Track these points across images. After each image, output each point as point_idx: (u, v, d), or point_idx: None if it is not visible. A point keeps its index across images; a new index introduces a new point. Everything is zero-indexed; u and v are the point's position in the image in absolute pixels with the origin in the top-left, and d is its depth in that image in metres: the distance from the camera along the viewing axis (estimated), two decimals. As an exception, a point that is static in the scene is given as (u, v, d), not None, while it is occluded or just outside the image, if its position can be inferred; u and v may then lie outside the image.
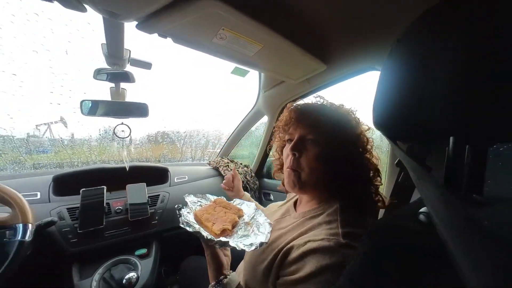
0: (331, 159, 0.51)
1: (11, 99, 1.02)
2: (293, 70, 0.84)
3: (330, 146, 0.51)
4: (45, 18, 0.76)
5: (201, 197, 0.72)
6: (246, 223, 0.61)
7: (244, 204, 0.72)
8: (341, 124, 0.53)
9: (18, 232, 0.65)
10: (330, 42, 0.70)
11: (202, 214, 0.60)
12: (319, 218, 0.50)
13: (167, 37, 0.60)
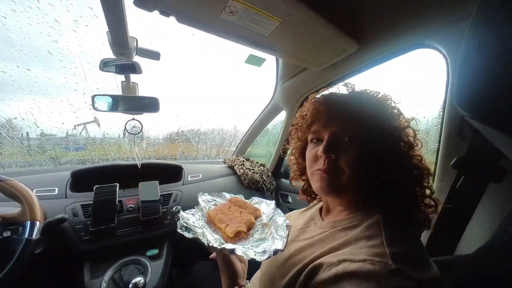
0: (373, 159, 0.42)
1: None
2: (317, 53, 0.71)
3: (371, 144, 0.42)
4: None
5: (217, 195, 0.67)
6: (264, 224, 0.53)
7: (263, 203, 0.64)
8: (381, 116, 0.43)
9: (25, 229, 0.63)
10: (365, 13, 0.56)
11: (215, 214, 0.54)
12: (355, 231, 0.40)
13: (170, 16, 0.52)
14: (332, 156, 0.43)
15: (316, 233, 0.46)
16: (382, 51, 0.69)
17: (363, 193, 0.45)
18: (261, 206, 0.64)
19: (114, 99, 0.87)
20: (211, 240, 0.44)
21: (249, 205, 0.59)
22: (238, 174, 1.44)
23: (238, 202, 0.60)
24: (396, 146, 0.43)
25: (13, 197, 0.67)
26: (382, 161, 0.42)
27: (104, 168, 1.13)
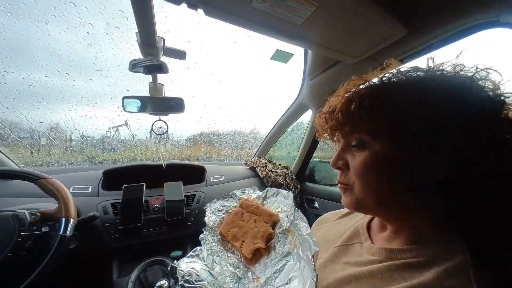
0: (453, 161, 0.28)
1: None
2: (355, 42, 0.63)
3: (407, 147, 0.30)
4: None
5: (228, 197, 0.61)
6: (286, 231, 0.47)
7: (279, 195, 0.57)
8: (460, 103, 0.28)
9: (61, 226, 0.66)
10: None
11: (227, 230, 0.49)
12: (426, 276, 0.27)
13: (198, 8, 0.50)
14: (342, 169, 0.38)
15: (364, 260, 0.36)
16: (436, 35, 0.58)
17: (431, 214, 0.33)
18: (277, 198, 0.57)
19: (142, 100, 0.88)
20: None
21: (263, 210, 0.52)
22: (261, 177, 1.39)
23: (250, 207, 0.54)
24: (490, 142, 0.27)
25: (51, 194, 0.70)
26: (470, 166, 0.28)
27: (132, 168, 1.17)
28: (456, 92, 0.29)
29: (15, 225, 0.60)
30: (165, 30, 0.67)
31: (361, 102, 0.33)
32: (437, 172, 0.29)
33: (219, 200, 0.60)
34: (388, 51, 0.67)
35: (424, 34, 0.59)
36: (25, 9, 0.70)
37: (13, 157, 1.15)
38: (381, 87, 0.34)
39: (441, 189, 0.29)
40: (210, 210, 0.56)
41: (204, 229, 0.52)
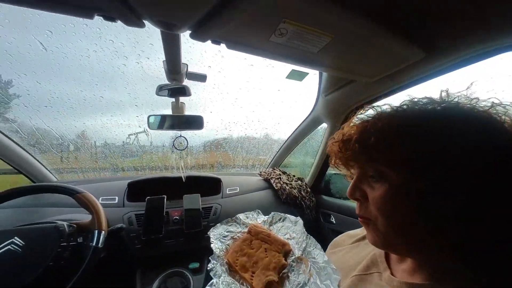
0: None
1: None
2: (371, 64, 0.64)
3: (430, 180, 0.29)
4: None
5: (232, 222, 0.57)
6: (298, 259, 0.45)
7: (286, 221, 0.55)
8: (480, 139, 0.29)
9: (93, 237, 0.72)
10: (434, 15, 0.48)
11: (235, 258, 0.45)
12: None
13: (221, 43, 0.54)
14: (360, 200, 0.37)
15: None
16: (457, 57, 0.58)
17: (455, 249, 0.31)
18: (285, 224, 0.55)
19: (165, 118, 0.95)
20: None
21: (273, 238, 0.49)
22: (275, 189, 1.40)
23: (259, 234, 0.50)
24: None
25: (86, 207, 0.77)
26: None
27: (154, 180, 1.24)
28: (476, 128, 0.29)
29: (56, 236, 0.67)
30: (189, 57, 0.73)
31: (379, 134, 0.33)
32: (458, 206, 0.28)
33: (222, 225, 0.56)
34: (406, 72, 0.67)
35: (444, 56, 0.58)
36: (73, 36, 0.81)
37: (46, 163, 1.27)
38: (399, 119, 0.34)
39: (464, 223, 0.28)
40: (214, 237, 0.51)
41: (211, 257, 0.46)
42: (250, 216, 0.59)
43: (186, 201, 1.10)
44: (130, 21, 0.46)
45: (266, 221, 0.57)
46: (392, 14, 0.47)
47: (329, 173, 1.44)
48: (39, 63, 0.81)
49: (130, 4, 0.41)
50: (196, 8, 0.42)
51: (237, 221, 0.58)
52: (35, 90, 0.92)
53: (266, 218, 0.58)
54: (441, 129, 0.30)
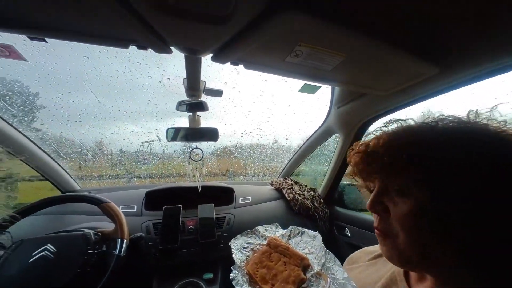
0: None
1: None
2: (384, 80, 0.65)
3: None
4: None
5: (251, 234, 0.60)
6: (317, 274, 0.45)
7: (305, 235, 0.55)
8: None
9: (116, 246, 0.76)
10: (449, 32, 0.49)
11: (255, 270, 0.47)
12: None
13: (239, 64, 0.58)
14: (380, 214, 0.37)
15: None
16: (472, 72, 0.58)
17: (479, 269, 0.30)
18: (303, 238, 0.56)
19: (182, 131, 1.00)
20: None
21: (292, 252, 0.50)
22: (287, 199, 1.40)
23: (278, 247, 0.52)
24: None
25: (109, 216, 0.82)
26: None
27: (170, 189, 1.28)
28: (504, 152, 0.29)
29: (84, 244, 0.71)
30: (207, 75, 0.78)
31: (408, 150, 0.33)
32: (487, 228, 0.28)
33: (242, 237, 0.59)
34: (420, 86, 0.67)
35: (459, 71, 0.58)
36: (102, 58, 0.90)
37: (70, 171, 1.35)
38: (427, 136, 0.34)
39: (493, 245, 0.28)
40: (235, 247, 0.54)
41: (232, 267, 0.49)
42: (269, 229, 0.61)
43: (201, 210, 1.13)
44: (159, 48, 0.51)
45: (284, 234, 0.59)
46: (405, 33, 0.49)
47: (342, 183, 1.42)
48: (74, 83, 0.91)
49: (161, 35, 0.46)
50: (219, 36, 0.47)
51: (256, 233, 0.60)
52: (68, 106, 1.02)
53: (285, 231, 0.59)
54: (470, 150, 0.30)
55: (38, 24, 0.42)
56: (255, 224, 0.92)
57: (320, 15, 0.41)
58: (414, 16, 0.44)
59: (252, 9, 0.40)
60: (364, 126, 1.03)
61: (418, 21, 0.46)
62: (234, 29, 0.45)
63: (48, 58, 0.76)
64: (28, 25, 0.42)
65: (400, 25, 0.46)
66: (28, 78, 0.92)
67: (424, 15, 0.43)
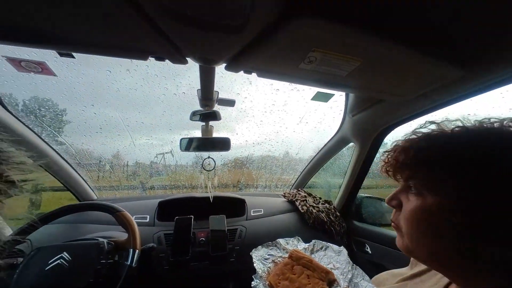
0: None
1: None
2: (403, 84, 0.63)
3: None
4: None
5: (272, 246, 0.61)
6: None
7: (329, 249, 0.53)
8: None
9: (128, 256, 0.75)
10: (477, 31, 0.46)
11: (277, 281, 0.46)
12: None
13: (252, 73, 0.58)
14: (395, 208, 0.40)
15: None
16: (502, 73, 0.54)
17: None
18: (327, 253, 0.54)
19: (195, 140, 1.01)
20: None
21: (316, 265, 0.48)
22: (301, 212, 1.34)
23: (301, 260, 0.51)
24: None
25: (123, 226, 0.82)
26: None
27: (183, 199, 1.28)
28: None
29: (97, 253, 0.71)
30: (220, 85, 0.79)
31: (428, 153, 0.35)
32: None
33: (263, 248, 0.60)
34: (443, 90, 0.64)
35: (486, 73, 0.54)
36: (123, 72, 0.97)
37: (89, 181, 1.40)
38: (454, 141, 0.34)
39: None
40: (256, 257, 0.56)
41: (254, 276, 0.52)
42: (290, 242, 0.61)
43: (212, 222, 1.11)
44: (176, 59, 0.53)
45: (307, 248, 0.57)
46: (425, 34, 0.47)
47: (359, 196, 1.34)
48: (96, 97, 0.98)
49: (178, 46, 0.48)
50: (233, 45, 0.48)
51: (277, 245, 0.60)
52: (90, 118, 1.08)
53: (307, 245, 0.58)
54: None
55: (68, 40, 0.45)
56: (267, 237, 0.88)
57: (334, 19, 0.41)
58: (435, 16, 0.42)
59: (266, 18, 0.40)
60: (381, 134, 0.99)
61: (440, 21, 0.44)
62: (247, 38, 0.45)
63: (75, 73, 0.82)
64: (60, 41, 0.45)
65: (421, 26, 0.44)
66: (56, 93, 1.00)
67: (446, 13, 0.41)
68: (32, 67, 0.65)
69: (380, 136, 1.00)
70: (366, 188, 1.37)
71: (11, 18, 0.39)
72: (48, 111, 1.13)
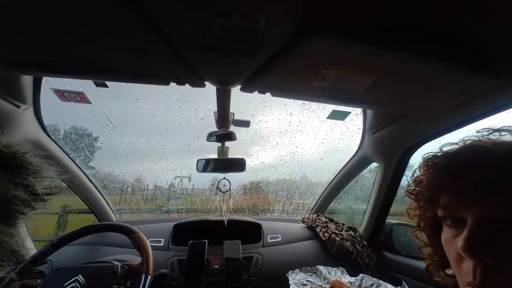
0: None
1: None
2: (426, 98, 0.59)
3: None
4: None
5: (312, 272, 0.56)
6: None
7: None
8: None
9: (140, 282, 0.72)
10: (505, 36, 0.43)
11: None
12: None
13: (266, 92, 0.60)
14: (489, 262, 0.25)
15: None
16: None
17: None
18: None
19: (212, 161, 1.03)
20: None
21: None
22: (323, 239, 1.22)
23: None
24: None
25: (138, 249, 0.81)
26: None
27: (198, 222, 1.26)
28: None
29: (110, 277, 0.70)
30: (235, 107, 0.82)
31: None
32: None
33: (301, 272, 0.59)
34: (473, 102, 0.59)
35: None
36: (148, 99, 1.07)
37: (111, 204, 1.44)
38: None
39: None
40: (293, 281, 0.55)
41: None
42: (332, 272, 0.57)
43: (227, 248, 1.05)
44: (195, 83, 0.57)
45: (353, 283, 0.52)
46: (448, 42, 0.45)
47: (389, 222, 1.20)
48: (124, 122, 1.08)
49: (197, 70, 0.51)
50: (248, 68, 0.50)
51: (317, 272, 0.59)
52: (117, 144, 1.18)
53: (353, 279, 0.53)
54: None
55: (102, 70, 0.51)
56: (286, 267, 0.80)
57: (346, 37, 0.42)
58: (456, 22, 0.41)
59: (279, 39, 0.43)
60: (407, 153, 0.91)
61: (462, 26, 0.42)
62: (261, 60, 0.48)
63: (107, 101, 0.93)
64: (96, 71, 0.52)
65: (439, 34, 0.43)
66: (89, 120, 1.12)
67: (467, 18, 0.40)
68: (72, 97, 0.74)
69: (405, 155, 0.92)
70: (393, 214, 1.23)
71: (53, 52, 0.46)
72: (83, 138, 1.26)
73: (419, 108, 0.64)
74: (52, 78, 0.60)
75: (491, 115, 0.63)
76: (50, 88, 0.71)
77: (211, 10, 0.34)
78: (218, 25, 0.37)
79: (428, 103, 0.61)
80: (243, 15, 0.35)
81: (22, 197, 0.22)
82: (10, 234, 0.22)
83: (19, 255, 0.23)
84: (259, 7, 0.34)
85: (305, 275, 0.54)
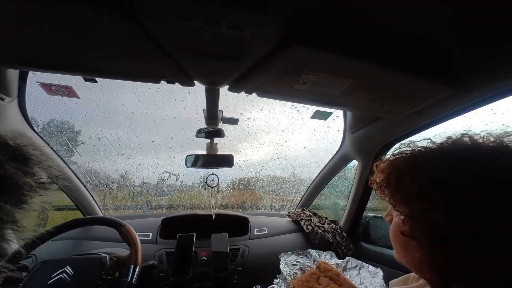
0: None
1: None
2: (395, 103, 0.67)
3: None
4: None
5: (302, 254, 0.61)
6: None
7: (363, 269, 0.52)
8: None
9: (129, 272, 0.74)
10: (460, 52, 0.50)
11: (301, 286, 0.48)
12: None
13: (253, 93, 0.64)
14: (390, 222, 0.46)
15: None
16: (488, 90, 0.57)
17: None
18: (361, 274, 0.53)
19: (201, 157, 1.05)
20: None
21: (343, 279, 0.49)
22: (306, 232, 1.30)
23: (328, 272, 0.51)
24: None
25: (127, 241, 0.83)
26: None
27: (186, 217, 1.28)
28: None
29: (99, 268, 0.72)
30: (224, 105, 0.85)
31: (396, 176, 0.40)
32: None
33: (293, 255, 0.62)
34: (435, 108, 0.67)
35: (474, 90, 0.58)
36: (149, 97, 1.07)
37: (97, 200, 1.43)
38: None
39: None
40: (284, 261, 0.58)
41: (278, 276, 0.54)
42: (322, 256, 0.62)
43: (214, 240, 1.09)
44: (185, 82, 0.60)
45: (339, 265, 0.58)
46: (410, 57, 0.52)
47: (366, 215, 1.30)
48: (114, 118, 1.08)
49: (187, 71, 0.54)
50: (235, 70, 0.54)
51: (308, 255, 0.63)
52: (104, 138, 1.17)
53: (340, 261, 0.59)
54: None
55: (94, 68, 0.53)
56: (271, 258, 0.86)
57: (322, 47, 0.47)
58: (419, 40, 0.47)
59: (264, 46, 0.47)
60: (382, 151, 1.00)
61: (424, 44, 0.48)
62: (248, 63, 0.52)
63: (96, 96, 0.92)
64: (87, 68, 0.53)
65: (405, 50, 0.49)
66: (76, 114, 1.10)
67: (428, 36, 0.46)
68: (60, 91, 0.73)
69: (380, 152, 1.01)
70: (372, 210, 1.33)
71: (46, 50, 0.47)
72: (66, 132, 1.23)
73: (388, 111, 0.71)
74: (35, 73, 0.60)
75: (450, 118, 0.72)
76: (36, 82, 0.70)
77: (201, 19, 0.38)
78: (207, 32, 0.41)
79: (397, 107, 0.69)
80: (230, 25, 0.39)
81: (30, 184, 0.25)
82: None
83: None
84: (243, 19, 0.38)
85: (296, 257, 0.60)
